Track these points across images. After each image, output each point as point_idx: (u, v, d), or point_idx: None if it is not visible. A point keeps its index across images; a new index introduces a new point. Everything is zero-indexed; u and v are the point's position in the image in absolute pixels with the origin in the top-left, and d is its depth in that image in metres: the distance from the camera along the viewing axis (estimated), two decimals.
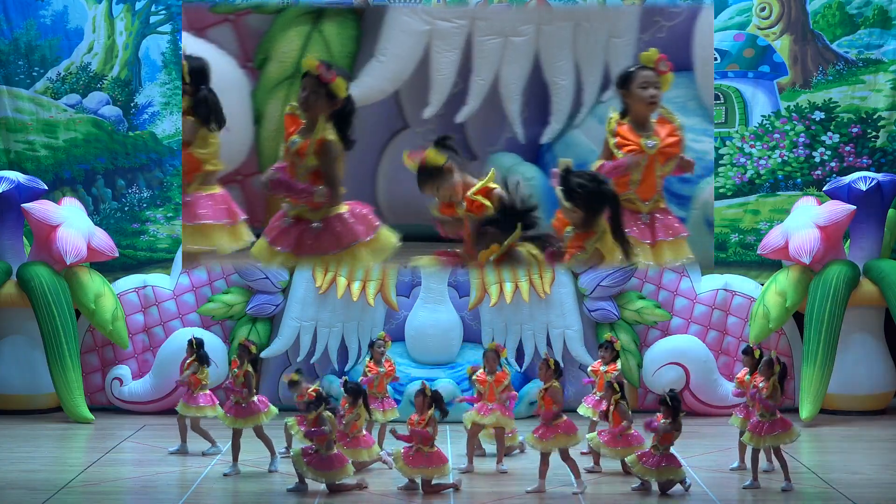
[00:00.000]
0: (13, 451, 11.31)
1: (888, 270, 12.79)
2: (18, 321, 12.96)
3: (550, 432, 9.82)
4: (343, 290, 12.88)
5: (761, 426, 9.87)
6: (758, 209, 13.80)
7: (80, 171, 13.85)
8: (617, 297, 13.10)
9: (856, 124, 13.73)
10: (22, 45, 13.79)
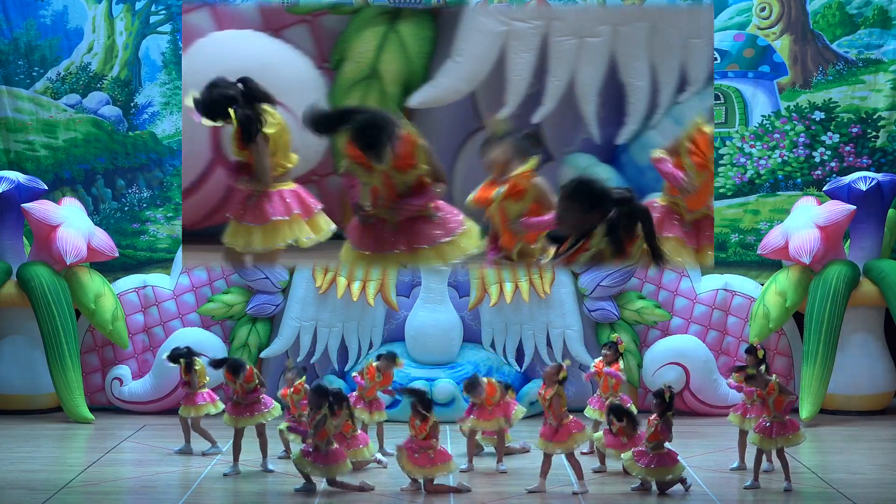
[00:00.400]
0: (13, 451, 11.31)
1: (888, 270, 12.79)
2: (18, 321, 12.96)
3: (558, 435, 9.80)
4: (343, 290, 12.88)
5: (771, 428, 9.85)
6: (758, 209, 13.80)
7: (80, 171, 13.85)
8: (617, 297, 13.10)
9: (856, 124, 13.73)
10: (22, 45, 13.79)
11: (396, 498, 9.68)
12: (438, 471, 9.73)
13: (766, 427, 9.86)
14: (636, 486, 9.85)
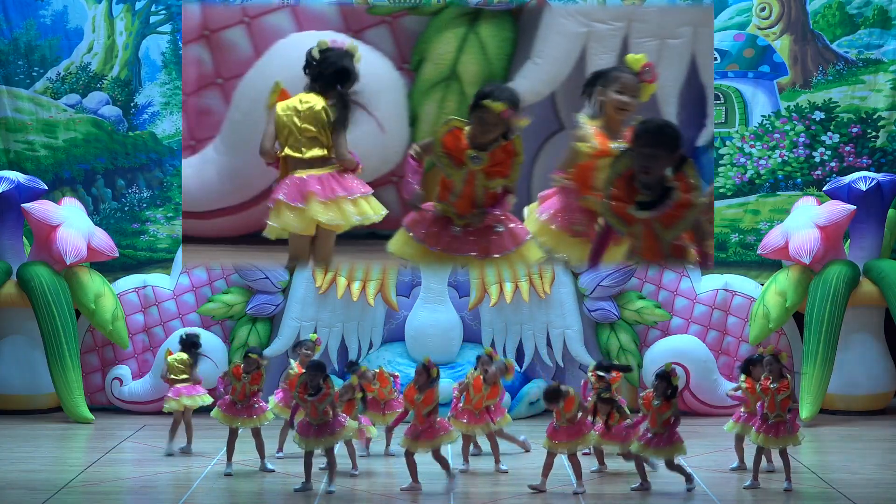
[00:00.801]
0: (13, 451, 11.32)
1: (888, 270, 12.79)
2: (18, 321, 12.97)
3: (565, 435, 9.80)
4: (343, 290, 12.88)
5: (775, 426, 9.85)
6: (758, 209, 13.80)
7: (79, 171, 13.85)
8: (617, 297, 13.10)
9: (856, 124, 13.73)
10: (22, 45, 13.79)
11: (397, 498, 9.68)
12: (442, 441, 9.80)
13: (770, 426, 9.86)
14: (636, 486, 9.86)
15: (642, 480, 9.85)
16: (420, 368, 9.86)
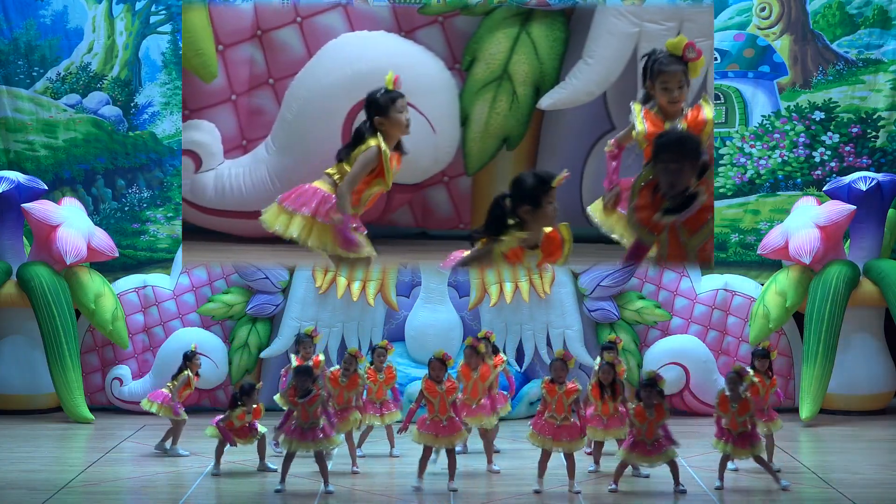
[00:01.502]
0: (13, 451, 11.31)
1: (888, 270, 12.79)
2: (18, 321, 12.96)
3: (551, 431, 9.79)
4: (343, 290, 12.88)
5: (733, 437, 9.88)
6: (758, 209, 13.80)
7: (79, 171, 13.85)
8: (617, 297, 13.10)
9: (856, 124, 13.73)
10: (22, 45, 13.79)
11: (397, 498, 9.68)
12: (457, 439, 9.84)
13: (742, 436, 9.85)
14: (613, 488, 9.85)
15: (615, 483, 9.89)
16: (435, 362, 9.92)
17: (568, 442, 9.73)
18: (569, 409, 9.73)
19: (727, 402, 9.89)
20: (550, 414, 9.78)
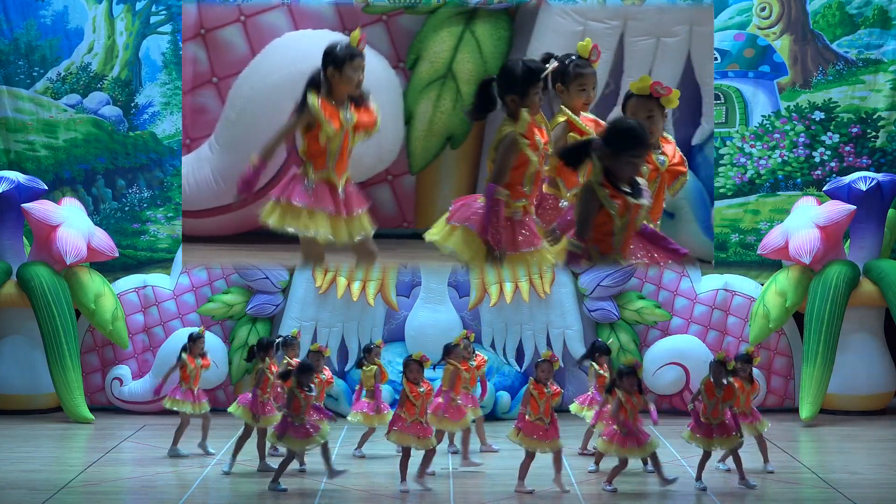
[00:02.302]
0: (13, 451, 11.32)
1: (888, 270, 12.79)
2: (18, 321, 12.97)
3: (535, 432, 9.77)
4: (343, 290, 12.89)
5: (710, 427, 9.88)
6: (758, 209, 13.80)
7: (80, 171, 13.86)
8: (617, 297, 13.10)
9: (856, 124, 13.73)
10: (22, 45, 13.80)
11: (399, 499, 9.68)
12: (431, 442, 9.84)
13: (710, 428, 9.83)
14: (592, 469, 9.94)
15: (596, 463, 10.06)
16: (413, 364, 9.93)
17: (552, 441, 9.75)
18: (549, 411, 9.77)
19: (713, 388, 9.89)
20: (538, 416, 9.77)
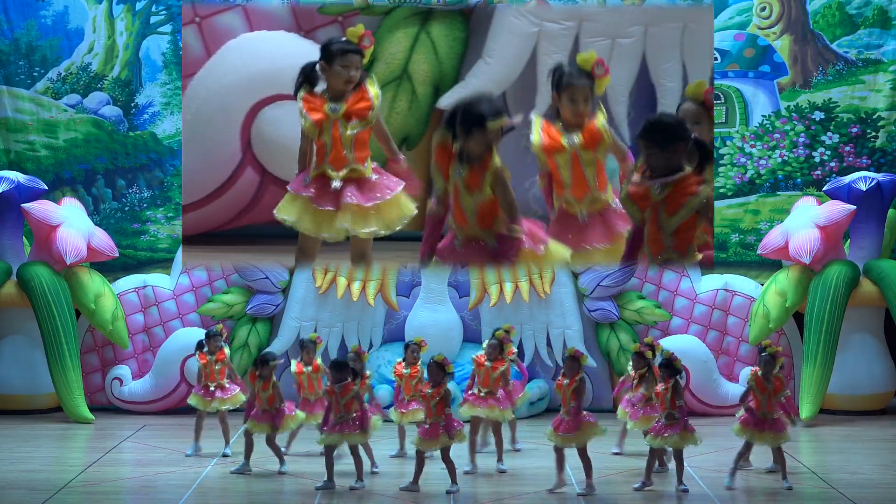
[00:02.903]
0: (13, 451, 11.32)
1: (888, 270, 12.79)
2: (18, 321, 12.97)
3: (572, 428, 9.72)
4: (343, 290, 12.89)
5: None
6: (758, 209, 13.80)
7: (80, 171, 13.86)
8: (617, 297, 13.10)
9: (855, 124, 13.73)
10: (22, 46, 13.80)
11: (400, 499, 9.68)
12: (455, 440, 9.75)
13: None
14: (638, 486, 9.83)
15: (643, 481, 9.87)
16: (433, 365, 9.86)
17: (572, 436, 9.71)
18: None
19: (763, 381, 9.87)
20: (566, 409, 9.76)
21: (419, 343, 10.89)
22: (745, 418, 10.00)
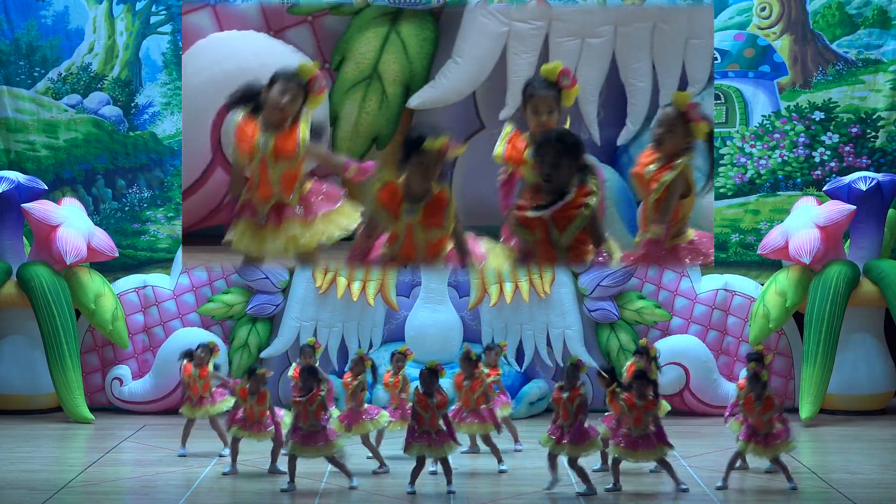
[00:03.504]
0: (13, 451, 11.32)
1: (888, 270, 12.79)
2: (18, 321, 12.97)
3: (577, 440, 9.68)
4: (343, 290, 12.88)
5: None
6: (758, 209, 13.80)
7: (80, 171, 13.86)
8: (617, 297, 13.10)
9: (855, 124, 13.73)
10: (23, 46, 13.80)
11: (402, 499, 9.68)
12: (449, 449, 9.74)
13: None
14: (609, 488, 9.80)
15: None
16: (425, 372, 9.84)
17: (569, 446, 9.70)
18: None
19: (751, 401, 9.86)
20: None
21: (404, 352, 10.84)
22: (746, 433, 9.95)
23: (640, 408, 9.62)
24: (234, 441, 10.41)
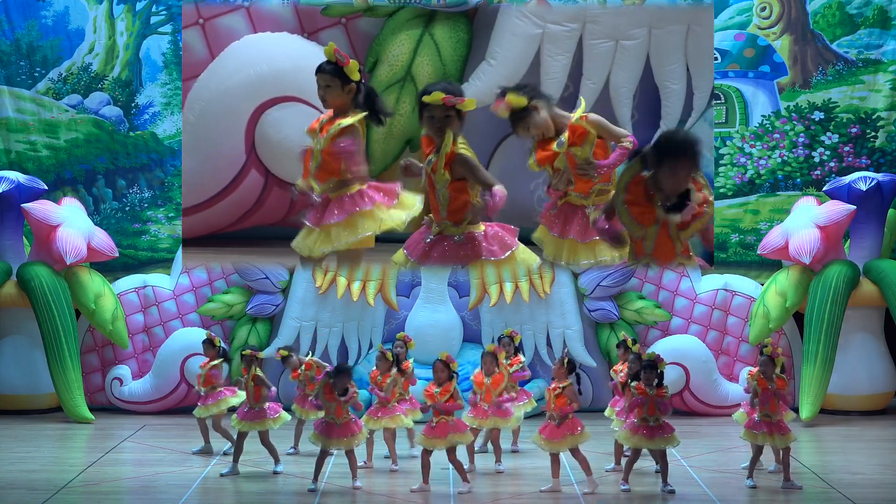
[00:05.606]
0: (13, 451, 11.32)
1: (888, 270, 12.79)
2: (18, 321, 12.97)
3: (559, 433, 9.75)
4: (343, 290, 12.89)
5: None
6: (758, 209, 13.80)
7: (80, 171, 13.87)
8: (617, 297, 13.10)
9: (855, 124, 13.73)
10: (23, 46, 13.81)
11: (399, 498, 9.69)
12: (459, 440, 9.76)
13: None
14: (610, 469, 9.94)
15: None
16: (439, 364, 9.88)
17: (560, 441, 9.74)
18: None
19: (766, 382, 9.88)
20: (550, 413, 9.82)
21: (403, 339, 10.92)
22: (751, 423, 9.96)
23: (652, 396, 9.67)
24: (241, 436, 10.42)
